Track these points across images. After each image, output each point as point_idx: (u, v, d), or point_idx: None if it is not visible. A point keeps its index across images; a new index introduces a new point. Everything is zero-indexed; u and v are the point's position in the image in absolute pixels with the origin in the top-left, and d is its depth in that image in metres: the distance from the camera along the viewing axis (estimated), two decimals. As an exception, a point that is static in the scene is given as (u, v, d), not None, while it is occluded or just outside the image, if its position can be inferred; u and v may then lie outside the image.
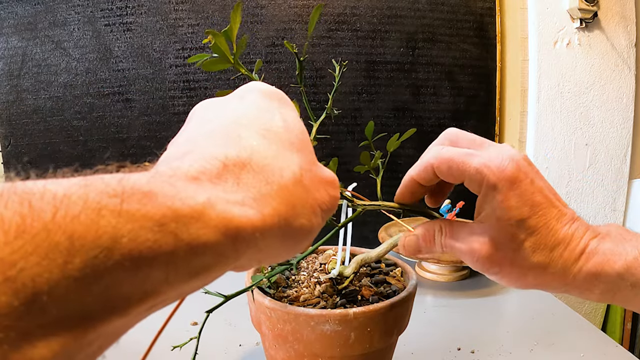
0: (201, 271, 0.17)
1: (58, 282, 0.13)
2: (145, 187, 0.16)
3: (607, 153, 1.12)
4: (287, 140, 0.23)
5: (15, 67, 0.98)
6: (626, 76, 1.10)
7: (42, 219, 0.13)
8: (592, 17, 1.04)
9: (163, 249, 0.15)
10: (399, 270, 0.54)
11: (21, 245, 0.13)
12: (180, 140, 0.23)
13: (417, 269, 0.90)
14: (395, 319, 0.45)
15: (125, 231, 0.14)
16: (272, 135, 0.22)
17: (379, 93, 1.05)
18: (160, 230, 0.15)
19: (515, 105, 1.11)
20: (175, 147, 0.22)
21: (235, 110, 0.24)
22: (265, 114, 0.24)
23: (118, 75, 1.00)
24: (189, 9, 0.99)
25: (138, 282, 0.15)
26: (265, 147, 0.21)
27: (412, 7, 1.03)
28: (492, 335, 0.67)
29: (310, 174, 0.23)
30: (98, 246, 0.14)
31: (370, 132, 0.45)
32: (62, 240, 0.13)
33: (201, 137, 0.22)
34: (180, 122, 0.27)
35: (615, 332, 1.14)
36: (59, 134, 1.00)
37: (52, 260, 0.13)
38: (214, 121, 0.23)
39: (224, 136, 0.21)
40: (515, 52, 1.10)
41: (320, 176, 0.24)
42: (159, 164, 0.20)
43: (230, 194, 0.18)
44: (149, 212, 0.15)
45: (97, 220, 0.14)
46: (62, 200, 0.14)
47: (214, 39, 0.32)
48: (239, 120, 0.23)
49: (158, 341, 0.27)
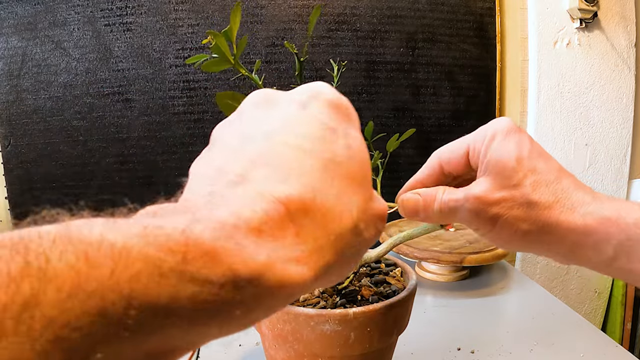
0: (250, 323, 0.17)
1: (110, 341, 0.13)
2: (208, 244, 0.15)
3: (607, 153, 1.12)
4: (350, 175, 0.20)
5: (15, 67, 0.98)
6: (626, 76, 1.10)
7: (99, 277, 0.12)
8: (592, 17, 1.04)
9: (221, 310, 0.15)
10: (399, 270, 0.54)
11: (75, 304, 0.12)
12: (223, 157, 0.20)
13: (417, 269, 0.90)
14: (395, 319, 0.45)
15: (186, 293, 0.14)
16: (335, 167, 0.20)
17: (379, 93, 1.05)
18: (220, 292, 0.15)
19: (515, 105, 1.11)
20: (216, 168, 0.20)
21: (297, 125, 0.21)
22: (330, 137, 0.21)
23: (118, 75, 1.00)
24: (189, 9, 0.99)
25: (190, 337, 0.15)
26: (328, 184, 0.19)
27: (412, 7, 1.04)
28: (492, 335, 0.67)
29: (366, 214, 0.21)
30: (155, 306, 0.13)
31: (370, 132, 0.45)
32: (118, 299, 0.13)
33: (254, 161, 0.19)
34: (180, 122, 0.27)
35: (615, 332, 1.14)
36: (59, 134, 1.00)
37: (106, 320, 0.12)
38: (270, 135, 0.20)
39: (283, 164, 0.19)
40: (515, 52, 1.10)
41: (374, 212, 0.22)
42: (213, 194, 0.18)
43: (289, 248, 0.17)
44: (211, 275, 0.15)
45: (157, 281, 0.13)
46: (121, 253, 0.13)
47: (214, 40, 0.32)
48: (301, 143, 0.20)
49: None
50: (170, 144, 1.01)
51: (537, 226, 0.31)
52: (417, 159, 1.04)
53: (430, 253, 0.82)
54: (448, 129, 1.07)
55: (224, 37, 0.33)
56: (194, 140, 1.01)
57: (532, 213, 0.31)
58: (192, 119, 1.00)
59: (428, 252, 0.82)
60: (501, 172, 0.31)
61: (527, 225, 0.31)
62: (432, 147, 0.41)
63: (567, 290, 1.15)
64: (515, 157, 0.31)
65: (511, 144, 0.32)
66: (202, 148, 0.23)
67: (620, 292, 1.14)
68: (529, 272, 1.13)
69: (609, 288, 1.17)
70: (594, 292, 1.16)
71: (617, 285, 1.15)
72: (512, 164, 0.31)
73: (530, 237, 0.31)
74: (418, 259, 0.83)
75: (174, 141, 1.01)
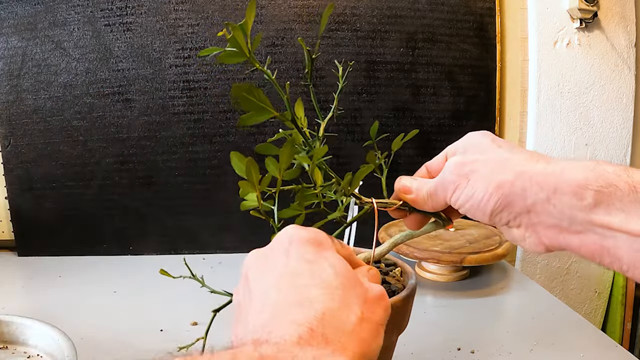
0: None
1: None
2: (272, 356, 0.22)
3: (607, 153, 1.12)
4: (341, 285, 0.28)
5: (15, 67, 0.98)
6: (626, 76, 1.10)
7: None
8: (592, 17, 1.04)
9: None
10: (399, 270, 0.54)
11: None
12: (255, 309, 0.29)
13: (417, 269, 0.90)
14: (395, 319, 0.45)
15: None
16: (328, 285, 0.28)
17: (379, 93, 1.05)
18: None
19: (515, 105, 1.11)
20: (256, 315, 0.28)
21: (288, 269, 0.29)
22: (315, 267, 0.29)
23: (118, 75, 1.00)
24: (189, 9, 0.99)
25: None
26: (329, 299, 0.27)
27: (412, 7, 1.03)
28: (492, 335, 0.67)
29: (366, 305, 0.28)
30: None
31: (375, 132, 0.46)
32: None
33: (276, 306, 0.27)
34: (180, 122, 0.27)
35: (615, 332, 1.14)
36: (59, 134, 1.00)
37: None
38: (281, 289, 0.28)
39: (295, 301, 0.27)
40: (515, 52, 1.10)
41: (373, 299, 0.29)
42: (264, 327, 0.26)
43: (322, 350, 0.24)
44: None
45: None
46: None
47: (232, 31, 0.32)
48: (297, 281, 0.28)
49: (162, 342, 0.27)
50: (170, 144, 1.01)
51: (513, 174, 0.35)
52: (417, 159, 1.04)
53: (430, 253, 0.82)
54: (448, 129, 1.07)
55: (240, 30, 0.33)
56: (194, 140, 1.01)
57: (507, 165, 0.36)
58: (192, 119, 1.00)
59: (428, 252, 0.82)
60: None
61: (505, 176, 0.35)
62: (432, 147, 0.42)
63: (567, 290, 1.15)
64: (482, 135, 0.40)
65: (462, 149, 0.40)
66: (202, 148, 0.24)
67: (620, 292, 1.14)
68: (529, 272, 1.13)
69: (609, 288, 1.17)
70: (594, 292, 1.16)
71: (617, 285, 1.15)
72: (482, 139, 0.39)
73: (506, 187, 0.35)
74: (418, 259, 0.83)
75: (174, 141, 1.01)
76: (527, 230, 0.35)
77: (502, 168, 0.35)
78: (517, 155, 0.36)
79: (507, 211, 0.35)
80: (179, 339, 0.63)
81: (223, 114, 1.01)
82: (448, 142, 0.41)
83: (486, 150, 0.37)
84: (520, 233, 0.36)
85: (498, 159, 0.36)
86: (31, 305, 0.78)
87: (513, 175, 0.34)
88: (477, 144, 0.38)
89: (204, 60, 1.00)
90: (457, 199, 0.37)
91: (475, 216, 0.37)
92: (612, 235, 0.31)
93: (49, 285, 0.86)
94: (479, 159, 0.36)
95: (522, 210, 0.34)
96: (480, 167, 0.36)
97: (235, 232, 1.04)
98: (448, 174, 0.38)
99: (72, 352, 0.53)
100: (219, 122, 1.01)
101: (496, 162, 0.36)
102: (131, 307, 0.76)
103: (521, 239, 0.36)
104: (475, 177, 0.36)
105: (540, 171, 0.34)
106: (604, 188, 0.31)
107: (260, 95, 0.34)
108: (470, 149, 0.38)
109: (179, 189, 1.02)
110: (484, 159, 0.36)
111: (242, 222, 1.02)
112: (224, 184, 1.02)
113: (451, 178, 0.37)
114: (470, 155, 0.37)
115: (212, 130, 1.01)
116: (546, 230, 0.34)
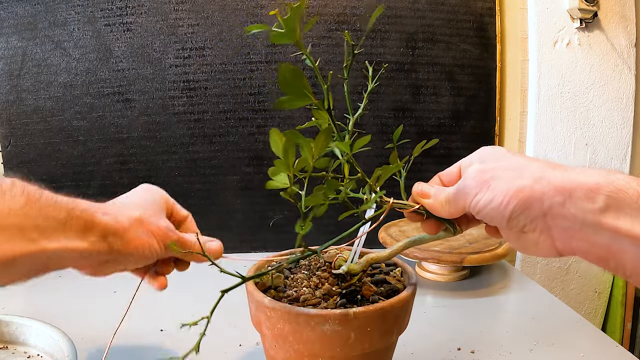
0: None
1: None
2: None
3: (607, 153, 1.12)
4: None
5: (15, 67, 0.98)
6: (626, 76, 1.10)
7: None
8: (592, 17, 1.04)
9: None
10: (399, 270, 0.54)
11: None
12: None
13: (417, 269, 0.90)
14: (395, 319, 0.45)
15: None
16: None
17: (379, 93, 1.05)
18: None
19: (515, 105, 1.11)
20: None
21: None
22: None
23: (118, 75, 1.00)
24: (189, 9, 0.99)
25: None
26: None
27: (412, 7, 1.03)
28: (492, 335, 0.67)
29: None
30: None
31: (397, 136, 0.48)
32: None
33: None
34: (180, 122, 0.27)
35: (615, 332, 1.14)
36: (59, 134, 1.00)
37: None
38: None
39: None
40: (515, 52, 1.10)
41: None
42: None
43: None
44: None
45: None
46: None
47: (289, 11, 0.32)
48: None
49: (162, 342, 0.27)
50: (170, 144, 1.01)
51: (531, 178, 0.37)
52: (417, 158, 1.03)
53: (431, 253, 0.82)
54: (448, 129, 1.07)
55: (296, 11, 0.33)
56: (194, 140, 1.01)
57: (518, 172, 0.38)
58: (192, 119, 1.00)
59: (428, 252, 0.82)
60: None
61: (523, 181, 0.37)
62: (431, 147, 0.43)
63: (567, 290, 1.15)
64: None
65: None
66: (202, 148, 0.24)
67: (620, 292, 1.14)
68: (529, 272, 1.13)
69: (609, 288, 1.17)
70: (594, 292, 1.16)
71: (617, 286, 1.15)
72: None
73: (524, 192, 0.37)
74: (418, 259, 0.83)
75: (174, 141, 1.01)
76: (542, 234, 0.37)
77: (521, 174, 0.37)
78: (534, 163, 0.38)
79: (525, 214, 0.36)
80: (179, 338, 0.64)
81: (223, 114, 1.01)
82: (448, 142, 0.42)
83: (504, 159, 0.40)
84: (534, 237, 0.37)
85: (517, 167, 0.38)
86: (31, 305, 0.78)
87: (532, 180, 0.36)
88: (494, 154, 0.41)
89: (204, 60, 1.00)
90: (477, 203, 0.39)
91: (494, 220, 0.39)
92: (619, 239, 0.33)
93: (49, 285, 0.86)
94: (498, 166, 0.39)
95: (539, 213, 0.36)
96: (500, 174, 0.38)
97: (235, 232, 1.04)
98: (470, 180, 0.40)
99: (72, 352, 0.53)
100: (219, 122, 1.01)
101: (515, 169, 0.38)
102: (131, 307, 0.76)
103: (534, 244, 0.38)
104: (496, 183, 0.38)
105: (558, 177, 0.36)
106: (614, 193, 0.33)
107: (304, 81, 0.35)
108: (488, 159, 0.40)
109: (179, 189, 1.02)
110: (504, 166, 0.39)
111: (242, 222, 1.02)
112: (224, 184, 1.02)
113: (473, 184, 0.39)
114: (491, 164, 0.40)
115: (212, 130, 1.01)
116: (560, 234, 0.36)
